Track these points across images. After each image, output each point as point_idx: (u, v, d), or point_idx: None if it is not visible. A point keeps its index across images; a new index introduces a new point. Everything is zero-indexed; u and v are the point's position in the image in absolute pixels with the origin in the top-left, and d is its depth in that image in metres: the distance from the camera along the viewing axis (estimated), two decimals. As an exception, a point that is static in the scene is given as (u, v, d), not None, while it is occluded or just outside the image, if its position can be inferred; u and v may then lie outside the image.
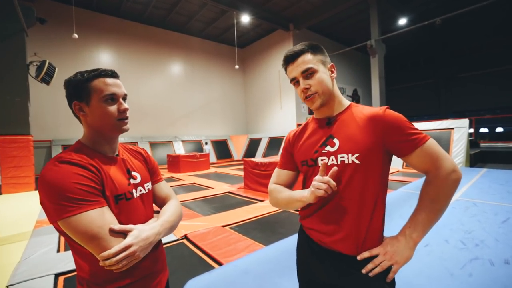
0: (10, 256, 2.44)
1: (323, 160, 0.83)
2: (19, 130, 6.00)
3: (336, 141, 0.83)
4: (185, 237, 2.87)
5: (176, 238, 2.83)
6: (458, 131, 6.94)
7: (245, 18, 10.26)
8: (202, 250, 2.53)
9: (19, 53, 6.15)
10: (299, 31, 11.74)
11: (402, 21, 11.34)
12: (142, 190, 0.85)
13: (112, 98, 0.77)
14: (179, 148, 11.88)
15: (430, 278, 1.67)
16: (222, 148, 13.35)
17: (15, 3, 5.40)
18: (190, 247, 2.64)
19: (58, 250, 2.58)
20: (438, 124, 7.51)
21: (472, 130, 10.49)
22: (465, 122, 6.97)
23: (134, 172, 0.86)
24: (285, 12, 11.02)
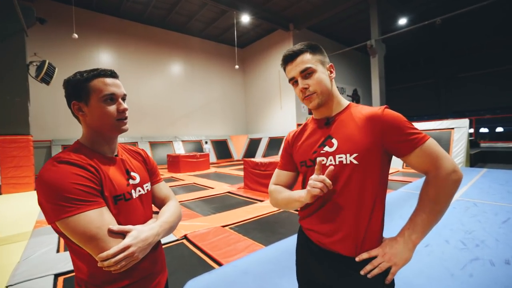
0: (10, 256, 2.44)
1: (322, 161, 0.83)
2: (19, 130, 6.00)
3: (335, 142, 0.82)
4: (185, 237, 2.87)
5: (176, 238, 2.82)
6: (458, 131, 6.94)
7: (245, 18, 10.26)
8: (202, 251, 2.53)
9: (19, 53, 6.16)
10: (299, 31, 11.73)
11: (402, 21, 11.34)
12: (141, 191, 0.85)
13: (111, 98, 0.77)
14: (179, 148, 11.88)
15: (431, 279, 1.67)
16: (222, 148, 13.35)
17: (15, 3, 5.40)
18: (190, 247, 2.64)
19: (58, 251, 2.57)
20: (438, 124, 7.51)
21: (472, 130, 10.49)
22: (465, 122, 6.97)
23: (133, 173, 0.85)
24: (285, 12, 11.02)
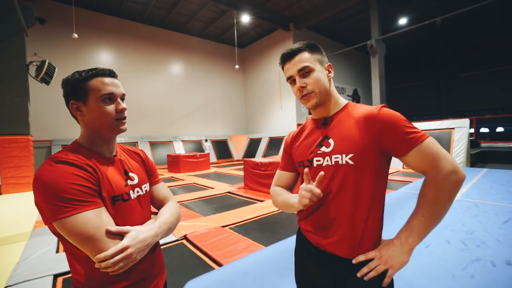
0: (9, 257, 2.43)
1: (318, 161, 0.83)
2: (19, 130, 6.00)
3: (331, 142, 0.81)
4: (185, 238, 2.86)
5: (176, 239, 2.81)
6: (459, 131, 6.93)
7: (245, 18, 10.25)
8: (202, 251, 2.52)
9: (19, 53, 6.16)
10: (299, 31, 11.73)
11: (403, 21, 11.34)
12: (140, 192, 0.84)
13: (110, 98, 0.76)
14: (179, 148, 11.87)
15: (431, 279, 1.66)
16: (222, 148, 13.35)
17: (15, 3, 5.40)
18: (190, 248, 2.63)
19: (57, 251, 2.57)
20: (439, 124, 7.51)
21: (473, 130, 10.49)
22: (466, 122, 6.96)
23: (132, 173, 0.84)
24: (285, 12, 11.01)
